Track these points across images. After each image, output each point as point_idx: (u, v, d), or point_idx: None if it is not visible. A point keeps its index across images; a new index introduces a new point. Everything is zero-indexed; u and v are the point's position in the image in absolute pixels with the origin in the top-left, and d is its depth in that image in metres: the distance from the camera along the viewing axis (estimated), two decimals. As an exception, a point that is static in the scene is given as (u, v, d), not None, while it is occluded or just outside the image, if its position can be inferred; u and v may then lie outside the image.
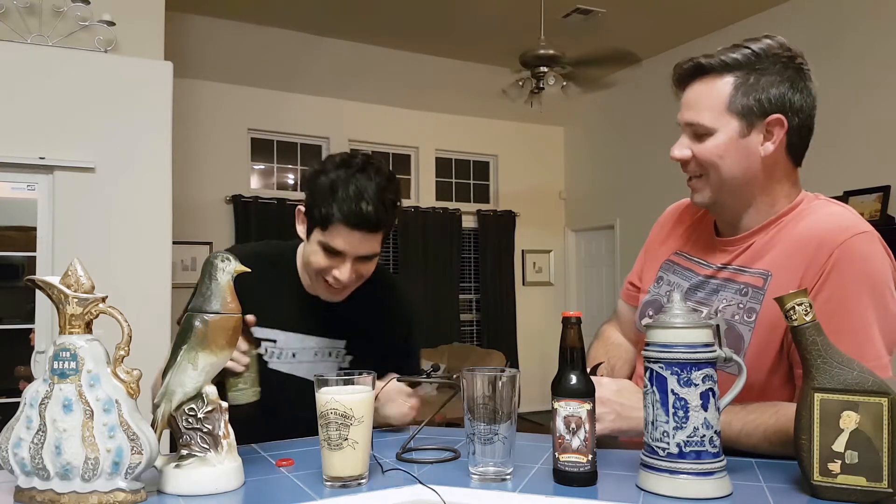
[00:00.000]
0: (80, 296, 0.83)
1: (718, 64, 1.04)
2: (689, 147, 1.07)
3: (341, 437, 0.89)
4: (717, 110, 1.04)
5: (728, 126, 1.04)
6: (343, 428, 0.89)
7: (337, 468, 0.90)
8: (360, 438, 0.90)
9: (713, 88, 1.05)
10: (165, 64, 3.26)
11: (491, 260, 6.33)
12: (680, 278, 1.19)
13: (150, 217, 3.18)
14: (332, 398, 0.90)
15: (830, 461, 0.81)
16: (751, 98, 1.03)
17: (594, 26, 4.86)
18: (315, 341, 1.33)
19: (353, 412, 0.90)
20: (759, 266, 1.07)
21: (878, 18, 3.99)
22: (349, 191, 1.16)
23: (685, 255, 1.21)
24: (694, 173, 1.09)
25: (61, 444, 0.80)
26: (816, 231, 1.03)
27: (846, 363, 0.82)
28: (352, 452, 0.90)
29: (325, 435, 0.90)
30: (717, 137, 1.05)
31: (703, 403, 0.83)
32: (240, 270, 0.90)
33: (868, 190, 3.90)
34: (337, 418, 0.89)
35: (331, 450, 0.90)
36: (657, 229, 1.33)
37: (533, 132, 6.47)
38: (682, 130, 1.09)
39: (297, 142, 5.73)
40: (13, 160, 2.93)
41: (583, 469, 0.87)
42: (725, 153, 1.05)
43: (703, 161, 1.06)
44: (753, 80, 1.03)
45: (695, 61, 1.07)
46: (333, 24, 4.90)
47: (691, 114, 1.06)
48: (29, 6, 3.07)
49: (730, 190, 1.08)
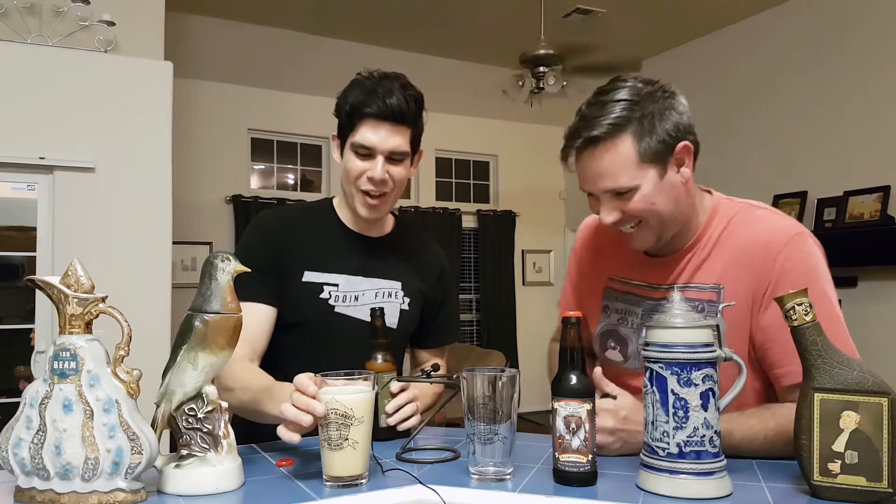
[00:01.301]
0: (80, 296, 0.83)
1: (610, 130, 1.04)
2: (616, 209, 1.08)
3: (341, 437, 0.89)
4: (632, 168, 1.05)
5: (647, 176, 1.05)
6: (343, 428, 0.89)
7: (337, 468, 0.90)
8: (360, 438, 0.90)
9: (617, 152, 1.04)
10: (165, 64, 3.26)
11: (491, 260, 6.33)
12: (628, 304, 1.21)
13: (150, 217, 3.17)
14: (332, 398, 0.90)
15: (830, 461, 0.81)
16: (654, 142, 1.05)
17: (594, 26, 4.86)
18: (372, 283, 1.35)
19: (353, 412, 0.89)
20: (708, 280, 1.11)
21: (879, 18, 3.99)
22: (375, 88, 1.25)
23: (621, 279, 1.23)
24: (630, 224, 1.09)
25: (61, 444, 0.80)
26: (757, 239, 1.08)
27: (846, 363, 0.82)
28: (352, 452, 0.89)
29: (325, 435, 0.90)
30: (643, 189, 1.05)
31: (703, 403, 0.83)
32: (240, 270, 0.90)
33: (868, 190, 3.90)
34: (337, 418, 0.89)
35: (331, 450, 0.90)
36: (579, 256, 1.34)
37: (533, 132, 6.47)
38: (599, 196, 1.09)
39: (297, 142, 5.73)
40: (13, 160, 2.93)
41: (583, 469, 0.87)
42: (656, 198, 1.06)
43: (636, 214, 1.07)
44: (647, 126, 1.04)
45: (585, 136, 1.06)
46: (333, 24, 4.89)
47: (607, 182, 1.06)
48: (29, 6, 3.07)
49: (668, 225, 1.10)
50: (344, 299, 1.32)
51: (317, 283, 1.31)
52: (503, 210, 6.47)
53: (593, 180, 1.08)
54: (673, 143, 1.06)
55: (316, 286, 1.31)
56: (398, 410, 1.15)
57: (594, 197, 1.11)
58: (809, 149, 4.32)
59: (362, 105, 1.24)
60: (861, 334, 1.09)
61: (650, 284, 1.18)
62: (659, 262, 1.17)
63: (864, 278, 3.94)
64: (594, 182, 1.08)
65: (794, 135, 4.42)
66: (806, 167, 4.32)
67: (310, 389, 0.90)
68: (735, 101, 4.82)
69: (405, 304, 1.38)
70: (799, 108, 4.40)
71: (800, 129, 4.39)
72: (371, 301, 1.34)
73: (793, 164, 4.41)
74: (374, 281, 1.35)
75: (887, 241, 3.75)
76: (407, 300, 1.39)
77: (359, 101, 1.25)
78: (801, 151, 4.36)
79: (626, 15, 4.72)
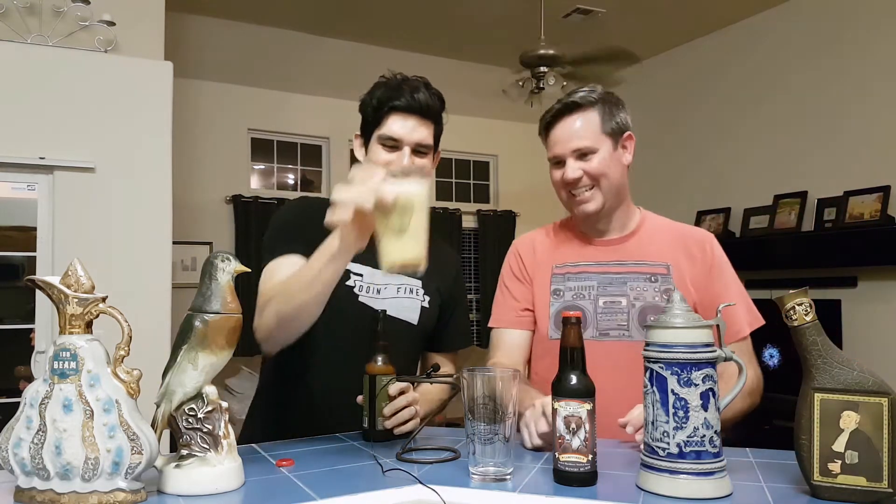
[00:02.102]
0: (81, 296, 0.83)
1: (586, 101, 1.34)
2: (579, 168, 1.33)
3: (402, 224, 0.96)
4: (596, 134, 1.33)
5: (605, 145, 1.34)
6: (405, 214, 0.95)
7: (397, 254, 0.97)
8: (420, 225, 0.97)
9: (587, 119, 1.34)
10: (165, 64, 3.26)
11: (491, 260, 6.32)
12: (581, 281, 1.38)
13: (150, 217, 3.17)
14: (391, 186, 0.95)
15: (830, 461, 0.81)
16: (613, 122, 1.35)
17: (594, 26, 4.86)
18: (394, 278, 1.36)
19: (409, 196, 0.96)
20: (657, 259, 1.35)
21: (878, 18, 3.99)
22: (401, 85, 1.31)
23: (570, 264, 1.41)
24: (586, 186, 1.34)
25: (61, 444, 0.80)
26: (687, 232, 1.40)
27: (846, 363, 0.82)
28: (413, 238, 0.96)
29: (385, 224, 0.96)
30: (601, 154, 1.33)
31: (704, 403, 0.83)
32: (240, 270, 0.90)
33: (868, 190, 3.89)
34: (398, 204, 0.95)
35: (391, 237, 0.96)
36: (518, 256, 1.48)
37: (533, 132, 6.36)
38: (566, 158, 1.34)
39: (297, 142, 5.73)
40: (13, 160, 2.93)
41: (583, 469, 0.87)
42: (609, 165, 1.34)
43: (594, 174, 1.33)
44: (608, 110, 1.35)
45: (565, 102, 1.35)
46: (333, 24, 4.89)
47: (576, 141, 1.33)
48: (29, 6, 3.07)
49: (613, 195, 1.35)
50: (367, 290, 1.33)
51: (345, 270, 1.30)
52: (503, 210, 6.47)
53: (565, 141, 1.34)
54: (623, 129, 1.37)
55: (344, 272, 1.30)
56: (395, 413, 1.15)
57: (558, 166, 1.36)
58: (809, 149, 4.32)
59: (389, 99, 1.29)
60: (861, 334, 1.10)
61: (599, 262, 1.39)
62: (603, 245, 1.40)
63: (864, 278, 3.94)
64: (565, 143, 1.34)
65: (794, 135, 4.42)
66: (806, 167, 4.32)
67: (378, 176, 0.95)
68: (735, 101, 4.82)
69: (425, 302, 1.39)
70: (799, 108, 4.40)
71: (800, 129, 4.38)
72: (393, 295, 1.34)
73: (793, 164, 4.41)
74: (397, 276, 1.36)
75: (887, 241, 3.75)
76: (427, 298, 1.39)
77: (386, 96, 1.29)
78: (801, 151, 4.36)
79: (626, 15, 4.72)
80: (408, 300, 1.36)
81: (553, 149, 1.37)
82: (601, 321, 1.33)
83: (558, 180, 1.37)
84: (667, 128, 5.14)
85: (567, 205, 1.40)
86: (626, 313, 1.32)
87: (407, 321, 1.36)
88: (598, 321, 1.33)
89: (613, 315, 1.33)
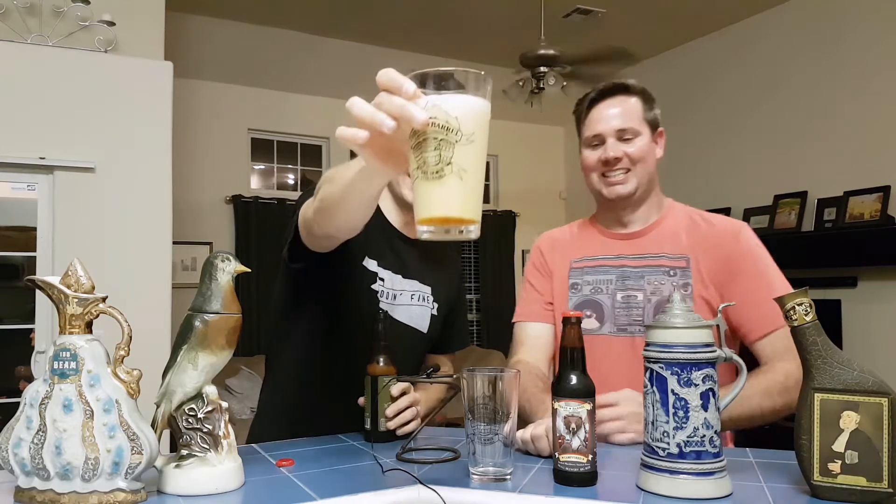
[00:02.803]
0: (81, 296, 0.83)
1: (633, 87, 1.34)
2: (620, 150, 1.31)
3: (442, 161, 0.64)
4: (639, 119, 1.33)
5: (645, 131, 1.33)
6: (445, 146, 0.64)
7: (437, 205, 0.64)
8: (469, 164, 0.64)
9: (630, 103, 1.33)
10: (165, 64, 3.26)
11: (491, 260, 6.33)
12: (599, 275, 1.36)
13: (150, 217, 3.17)
14: (431, 104, 0.64)
15: (830, 461, 0.81)
16: (651, 113, 1.35)
17: (594, 26, 4.86)
18: (410, 284, 1.34)
19: (459, 124, 0.64)
20: (676, 252, 1.31)
21: (878, 18, 3.99)
22: None
23: (588, 258, 1.39)
24: (622, 169, 1.31)
25: (61, 444, 0.80)
26: (715, 223, 1.33)
27: (846, 363, 0.82)
28: (457, 183, 0.64)
29: (419, 160, 0.65)
30: (642, 139, 1.32)
31: (704, 403, 0.83)
32: (240, 270, 0.90)
33: (868, 190, 3.90)
34: (437, 132, 0.64)
35: (427, 179, 0.64)
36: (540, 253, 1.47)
37: (533, 132, 6.47)
38: (608, 137, 1.31)
39: (297, 142, 5.73)
40: (13, 160, 2.93)
41: (583, 469, 0.87)
42: (647, 152, 1.32)
43: (634, 157, 1.31)
44: (648, 101, 1.35)
45: (612, 83, 1.34)
46: (333, 24, 4.89)
47: (621, 121, 1.31)
48: (29, 6, 3.07)
49: (646, 183, 1.33)
50: (386, 295, 1.31)
51: (371, 273, 1.29)
52: (503, 210, 6.47)
53: (608, 120, 1.32)
54: (657, 123, 1.36)
55: (371, 275, 1.29)
56: (398, 414, 1.15)
57: (594, 147, 1.34)
58: (809, 149, 4.32)
59: None
60: (861, 334, 1.10)
61: (618, 255, 1.36)
62: (622, 238, 1.37)
63: (864, 278, 3.94)
64: (608, 121, 1.32)
65: (794, 135, 4.42)
66: (806, 167, 4.32)
67: (407, 88, 0.64)
68: (735, 101, 4.82)
69: (434, 310, 1.38)
70: (799, 108, 4.40)
71: (800, 129, 4.38)
72: (407, 302, 1.33)
73: (793, 163, 4.41)
74: (412, 283, 1.34)
75: (887, 241, 3.75)
76: (436, 305, 1.38)
77: None
78: (801, 151, 4.36)
79: (626, 15, 4.72)
80: (419, 308, 1.35)
81: (594, 127, 1.33)
82: (618, 316, 1.32)
83: (594, 161, 1.34)
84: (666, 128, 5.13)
85: (596, 187, 1.36)
86: (642, 308, 1.30)
87: (418, 329, 1.35)
88: (616, 316, 1.32)
89: (630, 310, 1.31)
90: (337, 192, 0.89)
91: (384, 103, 0.64)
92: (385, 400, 1.15)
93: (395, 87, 0.65)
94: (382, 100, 0.65)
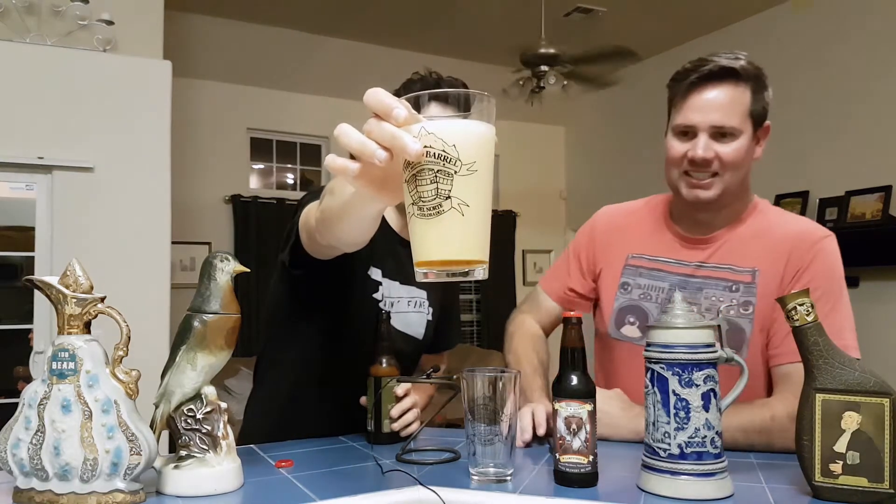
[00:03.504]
0: (79, 296, 0.82)
1: (744, 71, 1.10)
2: (712, 149, 1.11)
3: (440, 195, 0.56)
4: (743, 114, 1.11)
5: (747, 129, 1.12)
6: (443, 178, 0.56)
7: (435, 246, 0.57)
8: (471, 198, 0.56)
9: (737, 93, 1.10)
10: (164, 63, 3.26)
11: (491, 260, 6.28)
12: (653, 280, 1.23)
13: (149, 217, 3.17)
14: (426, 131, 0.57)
15: (832, 462, 0.80)
16: (759, 106, 1.12)
17: (595, 25, 4.86)
18: (408, 290, 1.32)
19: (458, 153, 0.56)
20: (743, 264, 1.16)
21: (880, 17, 3.98)
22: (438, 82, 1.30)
23: (648, 257, 1.25)
24: (711, 172, 1.13)
25: (60, 444, 0.80)
26: (793, 232, 1.16)
27: (848, 363, 0.82)
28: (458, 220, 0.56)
29: (414, 194, 0.57)
30: (741, 140, 1.11)
31: (705, 404, 0.83)
32: (239, 270, 0.90)
33: (869, 190, 3.89)
34: (433, 163, 0.56)
35: (424, 217, 0.57)
36: (597, 237, 1.33)
37: (533, 132, 6.47)
38: (701, 131, 1.11)
39: (296, 142, 5.73)
40: (12, 160, 2.93)
41: (583, 470, 0.87)
42: (744, 155, 1.12)
43: (728, 161, 1.11)
44: (760, 88, 1.12)
45: (725, 65, 1.10)
46: (333, 24, 4.89)
47: (720, 116, 1.10)
48: (28, 6, 3.07)
49: (734, 189, 1.15)
50: (385, 303, 1.29)
51: (375, 281, 1.27)
52: (503, 210, 6.47)
53: (706, 111, 1.10)
54: (764, 115, 1.14)
55: (374, 283, 1.27)
56: (402, 416, 1.15)
57: (684, 137, 1.14)
58: (811, 148, 4.31)
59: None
60: (862, 334, 1.10)
61: (680, 261, 1.21)
62: (691, 241, 1.21)
63: (866, 278, 3.94)
64: (707, 113, 1.10)
65: (796, 135, 4.41)
66: (808, 167, 4.31)
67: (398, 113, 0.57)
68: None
69: (430, 315, 1.36)
70: (800, 108, 4.39)
71: (801, 129, 4.38)
72: (404, 309, 1.31)
73: (794, 163, 4.40)
74: (409, 289, 1.32)
75: (889, 241, 3.75)
76: (431, 310, 1.37)
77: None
78: (803, 151, 4.36)
79: (627, 14, 4.72)
80: (415, 315, 1.34)
81: (688, 116, 1.13)
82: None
83: (678, 154, 1.15)
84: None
85: (676, 184, 1.19)
86: None
87: (415, 337, 1.34)
88: None
89: None
90: (336, 208, 0.84)
91: (374, 131, 0.58)
92: (388, 401, 1.14)
93: (384, 112, 0.58)
94: (372, 127, 0.58)
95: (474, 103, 0.60)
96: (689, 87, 1.12)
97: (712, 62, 1.11)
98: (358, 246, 0.93)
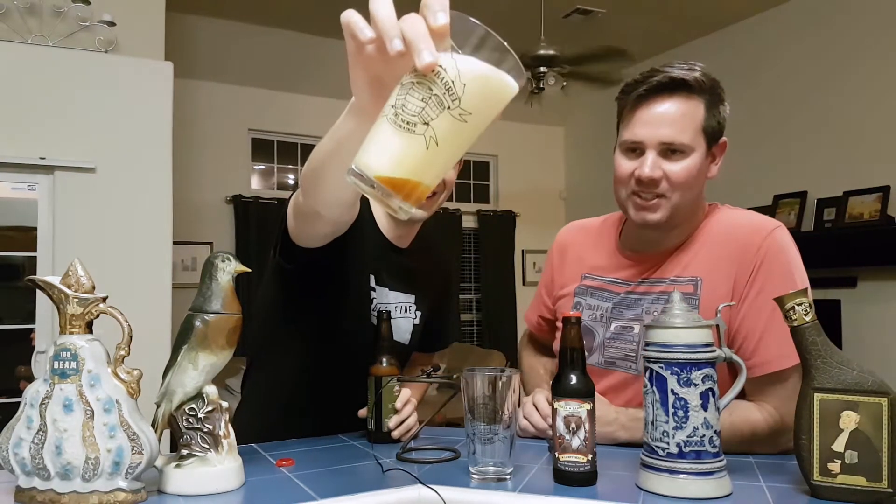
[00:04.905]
0: (81, 296, 0.83)
1: (698, 85, 1.03)
2: (660, 167, 1.04)
3: (421, 117, 0.54)
4: (695, 130, 1.03)
5: (700, 148, 1.05)
6: (433, 105, 0.54)
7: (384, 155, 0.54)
8: (444, 140, 0.54)
9: (689, 107, 1.03)
10: (166, 64, 3.26)
11: (491, 260, 6.33)
12: (598, 300, 1.20)
13: (150, 217, 3.17)
14: (449, 55, 0.56)
15: (830, 461, 0.81)
16: (715, 119, 1.05)
17: (594, 26, 4.86)
18: (395, 296, 1.31)
19: (462, 93, 0.54)
20: (686, 274, 1.10)
21: (878, 18, 3.99)
22: None
23: (596, 276, 1.22)
24: (659, 193, 1.05)
25: (62, 444, 0.80)
26: (740, 234, 1.07)
27: (845, 363, 0.82)
28: (419, 148, 0.54)
29: (400, 99, 0.55)
30: (692, 158, 1.04)
31: (703, 403, 0.83)
32: (240, 270, 0.90)
33: (868, 190, 3.90)
34: (434, 83, 0.54)
35: (393, 125, 0.54)
36: (555, 261, 1.33)
37: (533, 132, 6.47)
38: (649, 148, 1.04)
39: (297, 142, 5.73)
40: (13, 160, 2.93)
41: (583, 469, 0.87)
42: (695, 174, 1.05)
43: (675, 182, 1.04)
44: (714, 102, 1.05)
45: (675, 76, 1.03)
46: (334, 25, 4.85)
47: (670, 131, 1.03)
48: (29, 6, 3.07)
49: (684, 209, 1.08)
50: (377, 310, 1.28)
51: (368, 287, 1.27)
52: (503, 210, 6.47)
53: (656, 125, 1.03)
54: (720, 131, 1.07)
55: (367, 289, 1.26)
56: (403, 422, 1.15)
57: (632, 154, 1.07)
58: (809, 149, 4.32)
59: None
60: (861, 334, 1.10)
61: (624, 281, 1.18)
62: (636, 260, 1.17)
63: (864, 278, 3.94)
64: (656, 128, 1.03)
65: (794, 135, 4.42)
66: (806, 167, 4.32)
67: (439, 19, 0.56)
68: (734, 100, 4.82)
69: (416, 319, 1.36)
70: (799, 108, 4.40)
71: (799, 129, 4.39)
72: (393, 315, 1.30)
73: (793, 164, 4.41)
74: (397, 295, 1.32)
75: (887, 241, 3.75)
76: (418, 315, 1.36)
77: None
78: (801, 151, 4.36)
79: (626, 15, 4.72)
80: (403, 320, 1.33)
81: (635, 129, 1.05)
82: (608, 348, 1.16)
83: (626, 173, 1.07)
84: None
85: (623, 203, 1.12)
86: (636, 342, 1.12)
87: (401, 343, 1.33)
88: (605, 348, 1.16)
89: (623, 343, 1.14)
90: (327, 147, 0.80)
91: (406, 23, 0.55)
92: (389, 400, 1.15)
93: (429, 11, 0.55)
94: (406, 20, 0.55)
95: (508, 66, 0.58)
96: (638, 100, 1.05)
97: (663, 73, 1.04)
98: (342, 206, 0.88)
